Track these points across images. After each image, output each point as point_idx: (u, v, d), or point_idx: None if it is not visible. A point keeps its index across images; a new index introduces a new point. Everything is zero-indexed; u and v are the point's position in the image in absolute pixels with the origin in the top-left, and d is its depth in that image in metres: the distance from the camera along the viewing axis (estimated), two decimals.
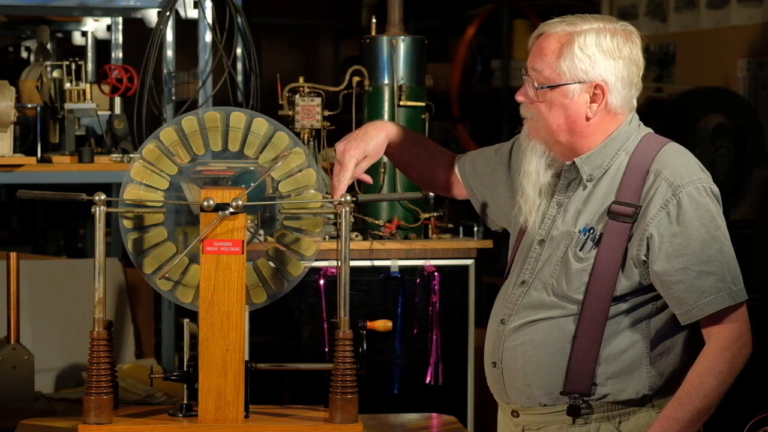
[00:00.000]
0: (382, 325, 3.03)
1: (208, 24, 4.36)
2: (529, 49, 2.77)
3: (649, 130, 2.80)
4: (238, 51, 4.89)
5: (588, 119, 2.72)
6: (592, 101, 2.71)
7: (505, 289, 2.84)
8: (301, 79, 3.92)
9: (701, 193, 2.67)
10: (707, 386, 2.64)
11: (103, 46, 5.57)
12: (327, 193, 2.92)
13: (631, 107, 2.76)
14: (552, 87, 2.71)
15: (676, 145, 2.77)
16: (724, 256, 2.66)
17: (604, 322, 2.68)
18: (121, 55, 5.27)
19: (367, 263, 3.83)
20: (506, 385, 2.79)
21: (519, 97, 2.78)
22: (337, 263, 2.79)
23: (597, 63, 2.69)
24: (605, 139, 2.74)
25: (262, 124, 2.87)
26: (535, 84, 2.72)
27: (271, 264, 2.89)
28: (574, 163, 2.76)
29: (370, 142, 2.95)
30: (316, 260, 2.96)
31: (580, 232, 2.72)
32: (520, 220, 2.83)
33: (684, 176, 2.67)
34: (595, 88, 2.70)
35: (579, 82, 2.70)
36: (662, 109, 5.83)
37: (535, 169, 2.77)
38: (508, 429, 2.85)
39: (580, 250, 2.71)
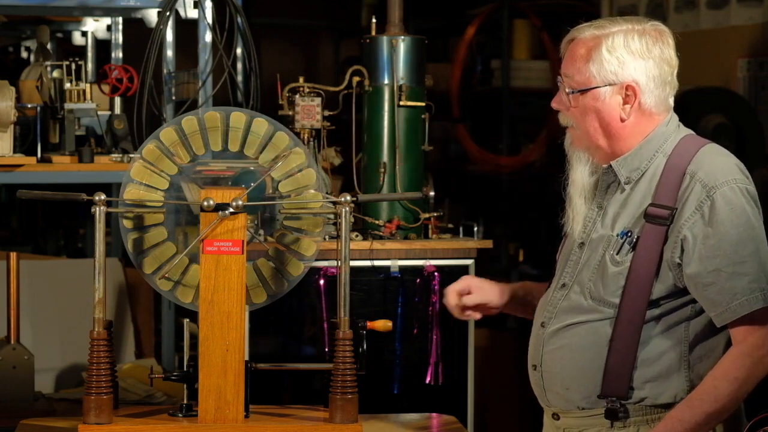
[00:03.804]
0: (382, 325, 3.03)
1: (208, 24, 4.36)
2: (562, 56, 2.77)
3: (690, 131, 2.78)
4: (238, 51, 4.88)
5: (623, 121, 2.72)
6: (625, 102, 2.71)
7: (548, 293, 2.85)
8: (301, 79, 3.92)
9: (736, 193, 2.64)
10: (720, 391, 2.61)
11: (103, 46, 5.57)
12: (327, 193, 2.93)
13: (667, 107, 2.75)
14: (582, 91, 2.71)
15: (716, 147, 2.75)
16: (759, 256, 2.63)
17: (640, 325, 2.67)
18: (121, 55, 5.26)
19: (367, 263, 3.83)
20: (546, 389, 2.79)
21: (553, 104, 2.79)
22: (337, 263, 2.79)
23: (626, 64, 2.69)
24: (641, 141, 2.74)
25: (262, 124, 2.87)
26: (567, 89, 2.73)
27: (271, 264, 2.89)
28: (610, 166, 2.76)
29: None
30: (316, 260, 2.96)
31: (618, 235, 2.71)
32: (566, 228, 2.83)
33: (719, 177, 2.65)
34: (627, 89, 2.70)
35: (609, 85, 2.70)
36: None
37: (580, 177, 2.78)
38: (551, 430, 2.85)
39: (617, 254, 2.70)
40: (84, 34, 5.61)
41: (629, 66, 2.69)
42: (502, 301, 3.02)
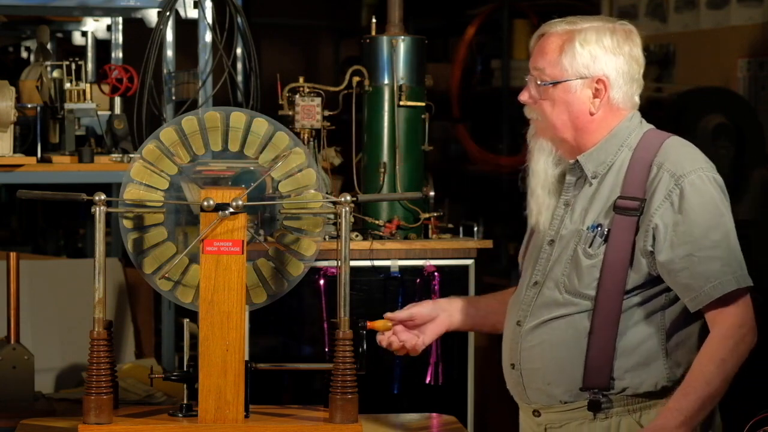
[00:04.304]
0: (382, 325, 3.03)
1: (208, 24, 4.36)
2: (531, 50, 2.82)
3: (651, 126, 2.83)
4: (238, 51, 4.88)
5: (592, 114, 2.77)
6: (595, 96, 2.76)
7: (519, 292, 2.87)
8: (301, 79, 3.92)
9: (704, 181, 2.69)
10: (709, 375, 2.65)
11: (103, 46, 5.57)
12: (327, 193, 2.93)
13: (633, 104, 2.81)
14: (554, 84, 2.75)
15: (679, 138, 2.80)
16: (729, 241, 2.69)
17: (617, 316, 2.70)
18: (121, 55, 5.27)
19: (367, 263, 3.83)
20: (526, 386, 2.81)
21: (522, 98, 2.82)
22: (337, 263, 2.79)
23: (598, 58, 2.74)
24: (606, 135, 2.78)
25: (262, 124, 2.87)
26: (538, 81, 2.77)
27: (271, 264, 2.89)
28: (577, 161, 2.79)
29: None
30: (316, 260, 2.96)
31: (588, 229, 2.75)
32: (530, 221, 2.86)
33: (686, 166, 2.70)
34: (597, 82, 2.75)
35: (581, 78, 2.75)
36: (662, 109, 5.83)
37: (543, 169, 2.82)
38: (531, 429, 2.86)
39: (589, 247, 2.73)
40: (84, 34, 5.62)
41: (601, 60, 2.75)
42: (435, 309, 3.03)
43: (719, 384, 2.66)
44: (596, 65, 2.74)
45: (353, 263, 3.18)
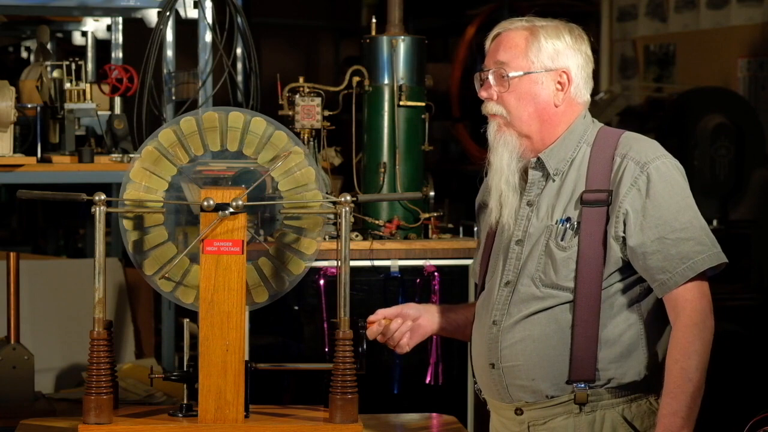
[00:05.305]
0: None
1: (208, 24, 4.36)
2: (488, 49, 2.86)
3: (601, 124, 2.89)
4: (238, 51, 4.89)
5: (556, 106, 2.82)
6: (559, 89, 2.81)
7: (489, 294, 2.87)
8: (301, 79, 3.92)
9: (668, 167, 2.75)
10: (688, 369, 2.67)
11: (103, 46, 5.58)
12: (327, 193, 2.92)
13: (585, 101, 2.86)
14: (521, 75, 2.80)
15: (633, 132, 2.86)
16: (699, 221, 2.73)
17: (598, 306, 2.73)
18: (121, 55, 5.27)
19: (367, 263, 3.83)
20: (508, 384, 2.81)
21: (486, 94, 2.84)
22: (337, 263, 2.79)
23: (561, 52, 2.81)
24: (564, 132, 2.83)
25: (260, 123, 2.87)
26: (504, 75, 2.80)
27: (272, 263, 2.89)
28: (539, 158, 2.82)
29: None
30: (316, 260, 2.96)
31: (557, 222, 2.78)
32: (491, 219, 2.87)
33: (649, 154, 2.76)
34: (561, 75, 2.81)
35: (546, 70, 2.80)
36: (662, 109, 5.83)
37: (506, 164, 2.84)
38: (508, 430, 2.85)
39: (562, 240, 2.76)
40: (84, 34, 5.62)
41: (563, 54, 2.81)
42: (419, 313, 3.00)
43: (700, 376, 2.67)
44: (560, 59, 2.80)
45: (353, 263, 3.18)
